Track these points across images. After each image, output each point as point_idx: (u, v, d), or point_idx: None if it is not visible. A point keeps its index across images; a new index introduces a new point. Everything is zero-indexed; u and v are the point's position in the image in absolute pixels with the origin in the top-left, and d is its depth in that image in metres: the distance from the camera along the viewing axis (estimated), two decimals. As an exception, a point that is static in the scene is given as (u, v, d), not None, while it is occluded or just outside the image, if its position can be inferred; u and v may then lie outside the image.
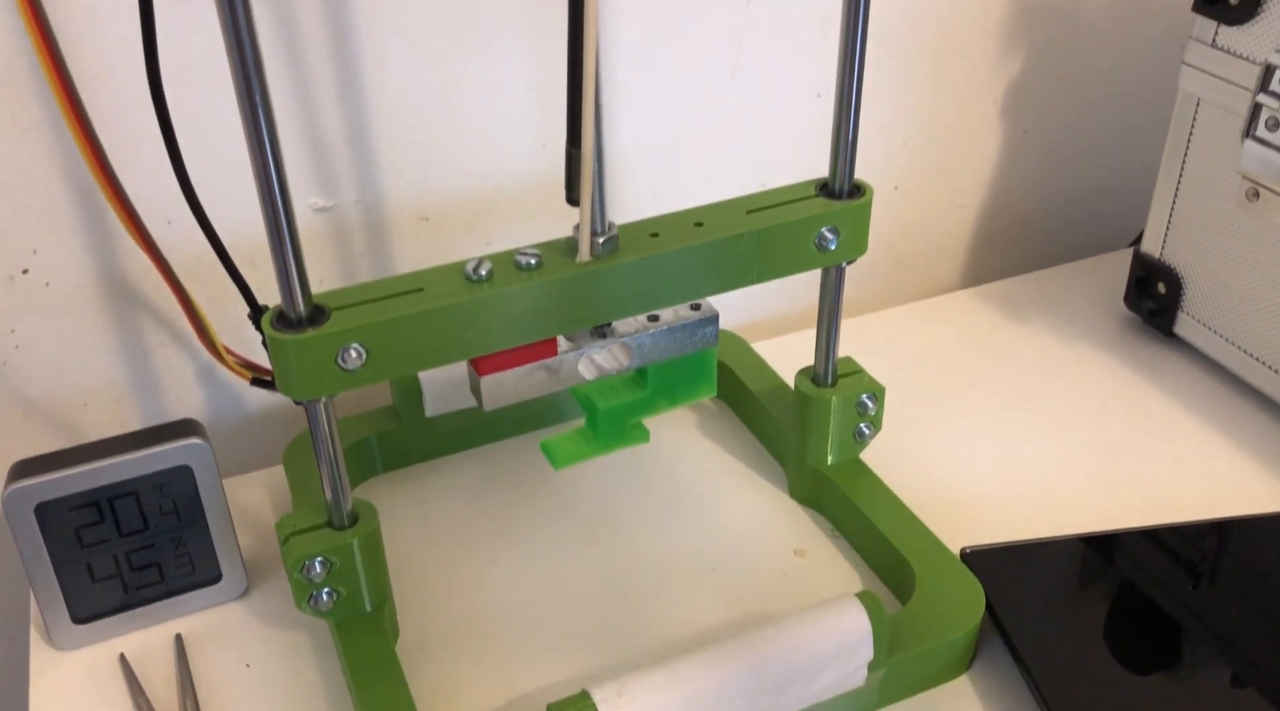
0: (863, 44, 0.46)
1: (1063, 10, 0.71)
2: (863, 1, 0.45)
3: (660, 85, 0.63)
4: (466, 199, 0.62)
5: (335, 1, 0.54)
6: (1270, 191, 0.58)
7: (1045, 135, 0.76)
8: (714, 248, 0.47)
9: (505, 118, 0.60)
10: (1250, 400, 0.63)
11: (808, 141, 0.69)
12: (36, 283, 0.55)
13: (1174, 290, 0.66)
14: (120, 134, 0.53)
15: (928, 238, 0.77)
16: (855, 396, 0.54)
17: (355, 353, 0.42)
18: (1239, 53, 0.58)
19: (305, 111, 0.56)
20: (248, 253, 0.56)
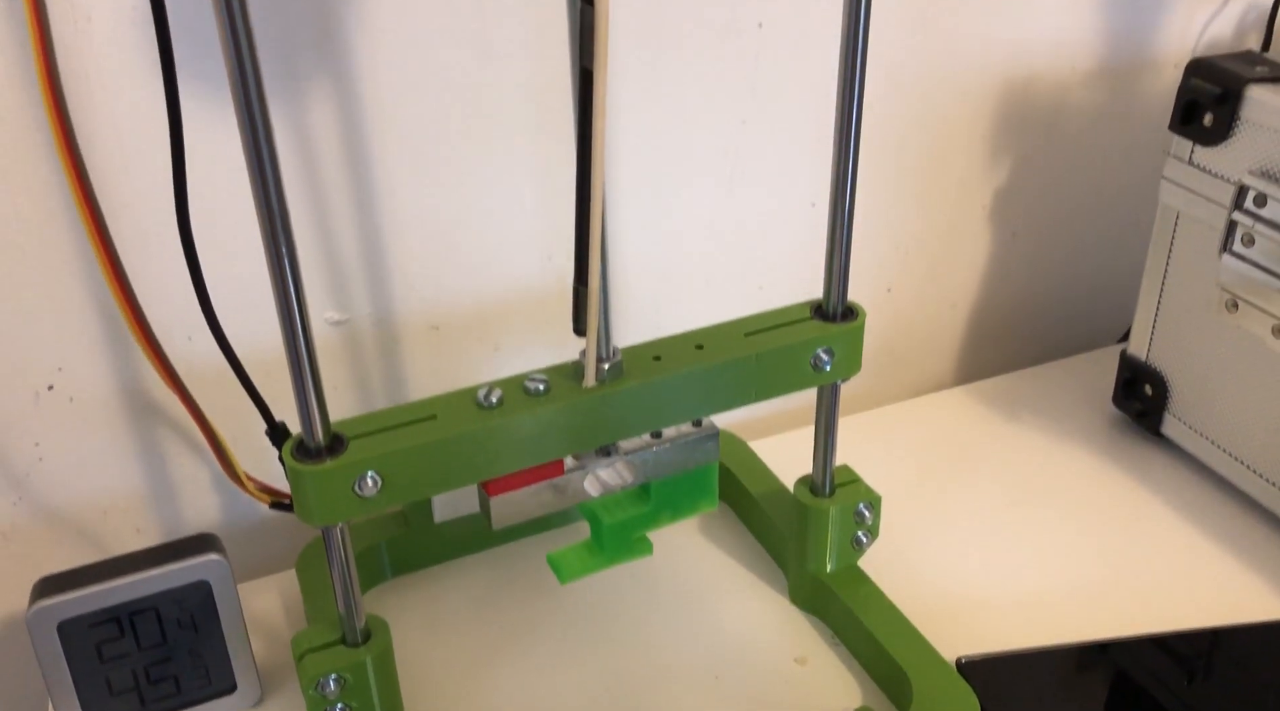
0: (854, 171, 0.49)
1: (1046, 121, 0.74)
2: (854, 122, 0.47)
3: (661, 200, 0.66)
4: (475, 309, 0.64)
5: (352, 127, 0.57)
6: (1248, 303, 0.60)
7: (1033, 237, 0.79)
8: (714, 370, 0.49)
9: (513, 232, 0.63)
10: (1238, 503, 0.65)
11: (805, 249, 0.71)
12: (61, 398, 0.57)
13: (1160, 392, 0.68)
14: (145, 255, 0.55)
15: (921, 336, 0.79)
16: (853, 506, 0.56)
17: (371, 481, 0.43)
18: (1214, 171, 0.61)
19: (322, 230, 0.59)
20: (266, 365, 0.58)
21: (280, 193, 0.39)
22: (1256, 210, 0.58)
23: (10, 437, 0.56)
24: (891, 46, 0.67)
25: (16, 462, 0.57)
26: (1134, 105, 0.76)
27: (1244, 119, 0.59)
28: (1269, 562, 0.61)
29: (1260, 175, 0.58)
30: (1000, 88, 0.71)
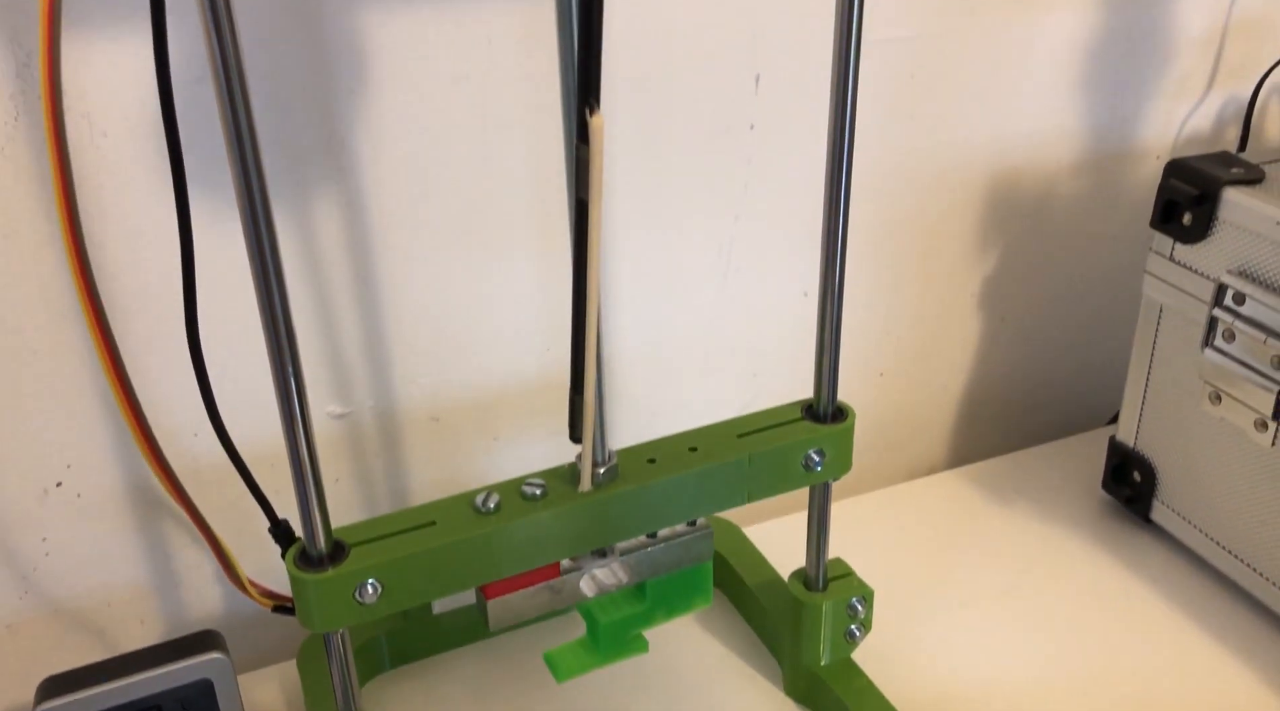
0: (841, 274, 0.50)
1: (1032, 211, 0.76)
2: (842, 219, 0.49)
3: (656, 291, 0.68)
4: (475, 400, 0.66)
5: (356, 226, 0.59)
6: (1231, 397, 0.61)
7: (1022, 321, 0.80)
8: (708, 472, 0.50)
9: (512, 324, 0.65)
10: (1227, 592, 0.66)
11: (798, 336, 0.73)
12: (69, 495, 0.58)
13: (1149, 479, 0.69)
14: (154, 356, 0.57)
15: (914, 419, 0.80)
16: (846, 600, 0.57)
17: (372, 588, 0.45)
18: (1195, 268, 0.62)
19: (325, 325, 0.61)
20: (270, 457, 0.59)
21: (284, 296, 0.40)
22: (1236, 307, 0.60)
23: (19, 534, 0.58)
24: (878, 143, 0.69)
25: (24, 558, 0.58)
26: (1118, 195, 0.78)
27: (1221, 219, 0.60)
28: (1258, 653, 0.61)
29: (1238, 274, 0.60)
30: (986, 180, 0.73)
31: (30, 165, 0.51)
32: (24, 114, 0.50)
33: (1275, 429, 0.60)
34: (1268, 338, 0.58)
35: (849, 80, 0.46)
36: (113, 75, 0.51)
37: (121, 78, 0.51)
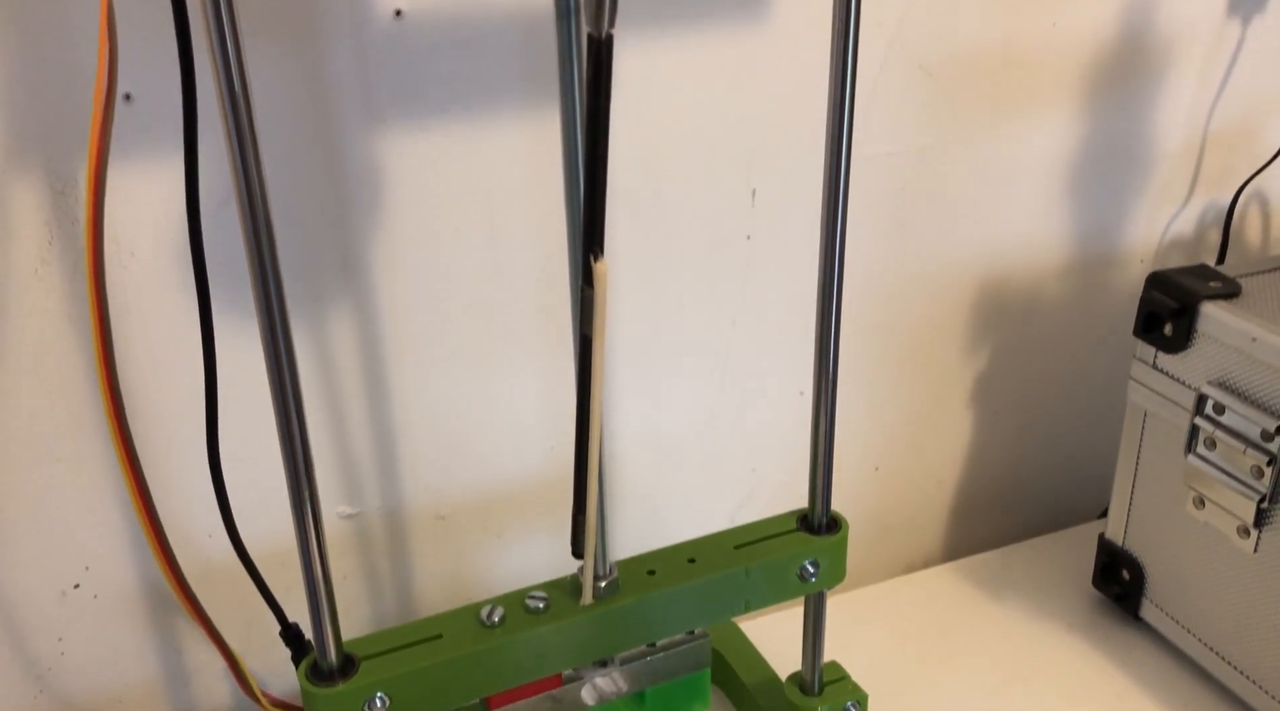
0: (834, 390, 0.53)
1: (1021, 313, 0.78)
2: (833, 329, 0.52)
3: (656, 393, 0.70)
4: (481, 499, 0.68)
5: (368, 334, 0.61)
6: (1214, 503, 0.63)
7: (1014, 416, 0.82)
8: (706, 584, 0.52)
9: (517, 425, 0.67)
10: (1213, 691, 0.67)
11: (795, 433, 0.75)
12: (86, 596, 0.60)
13: (1137, 578, 0.71)
14: (172, 462, 0.59)
15: (908, 513, 0.82)
16: (841, 705, 0.58)
17: (381, 701, 0.46)
18: (1177, 376, 0.65)
19: (337, 429, 0.63)
20: (282, 555, 0.61)
21: (299, 406, 0.43)
22: (1216, 417, 0.62)
23: (36, 634, 0.59)
24: (870, 250, 0.72)
25: (40, 658, 0.60)
26: (1104, 297, 0.80)
27: (1200, 332, 0.63)
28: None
29: (1218, 385, 0.62)
30: (975, 284, 0.76)
31: (62, 285, 0.53)
32: (57, 238, 0.53)
33: (1257, 536, 0.61)
34: (1247, 448, 0.60)
35: (840, 194, 0.49)
36: (141, 200, 0.54)
37: (149, 202, 0.54)
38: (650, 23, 0.60)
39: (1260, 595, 0.62)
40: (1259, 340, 0.59)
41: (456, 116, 0.58)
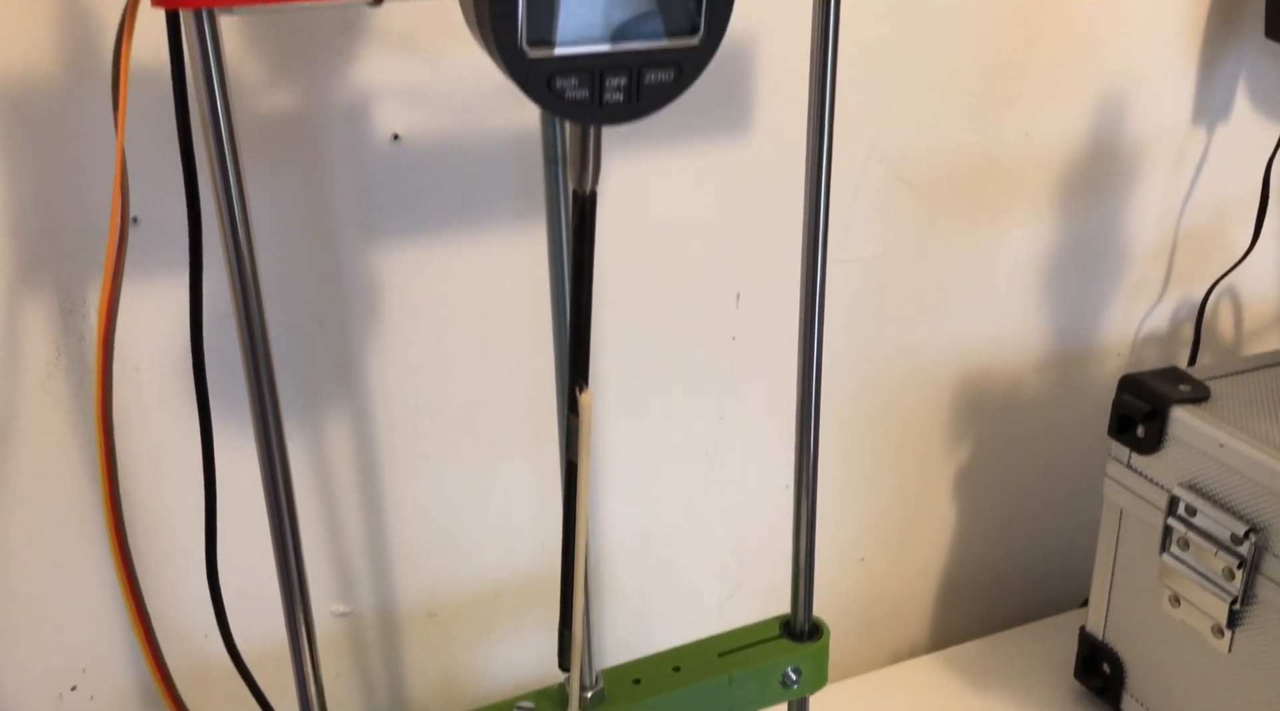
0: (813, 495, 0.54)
1: (1000, 406, 0.80)
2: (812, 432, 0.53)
3: (645, 487, 0.71)
4: (471, 595, 0.69)
5: (363, 438, 0.63)
6: (1189, 602, 0.65)
7: (995, 507, 0.84)
8: (690, 693, 0.53)
9: (507, 524, 0.68)
10: (1194, 787, 0.68)
11: (781, 525, 0.76)
12: (83, 697, 0.61)
13: (1117, 672, 0.72)
14: (169, 564, 0.60)
15: (893, 602, 0.83)
16: (823, 807, 0.59)
17: (371, 815, 0.47)
18: (1150, 477, 0.67)
19: (331, 529, 0.64)
20: (275, 655, 0.62)
21: (292, 512, 0.44)
22: (1189, 518, 0.64)
23: (32, 737, 0.60)
24: (851, 348, 0.74)
25: (35, 760, 0.61)
26: (1081, 390, 0.82)
27: (1171, 435, 0.65)
28: None
29: (1189, 488, 0.64)
30: (955, 379, 0.78)
31: (68, 398, 0.55)
32: (64, 352, 0.55)
33: (1231, 636, 0.63)
34: (1218, 550, 0.62)
35: (816, 299, 0.51)
36: (144, 316, 0.56)
37: (152, 319, 0.56)
38: (638, 134, 0.63)
39: (1238, 695, 0.63)
40: (1226, 445, 0.61)
41: (451, 230, 0.61)
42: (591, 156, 0.38)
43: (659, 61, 0.35)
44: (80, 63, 0.51)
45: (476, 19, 0.34)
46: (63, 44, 0.50)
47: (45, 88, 0.51)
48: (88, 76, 0.51)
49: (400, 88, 0.57)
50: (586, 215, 0.39)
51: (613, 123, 0.35)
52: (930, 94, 0.69)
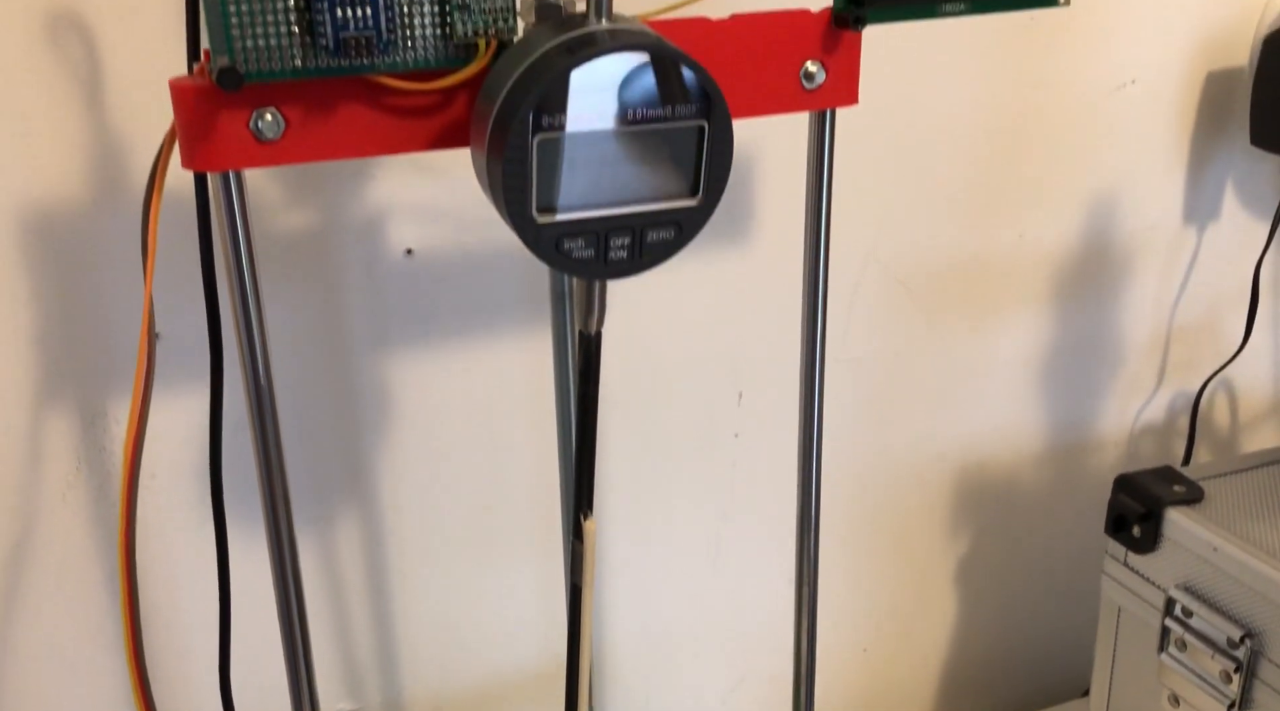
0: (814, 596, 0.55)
1: (1000, 497, 0.82)
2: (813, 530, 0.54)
3: (647, 581, 0.72)
4: (477, 691, 0.70)
5: (372, 539, 0.64)
6: (1188, 703, 0.65)
7: (996, 596, 0.85)
8: (692, 802, 0.54)
9: (513, 621, 0.69)
10: None
11: (785, 619, 0.77)
12: (93, 799, 0.61)
13: (1120, 769, 0.72)
14: (186, 667, 0.61)
15: (897, 693, 0.84)
16: None
17: None
18: (1147, 577, 0.67)
19: (340, 627, 0.65)
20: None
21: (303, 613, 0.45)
22: (1185, 620, 0.65)
23: None
24: (852, 444, 0.75)
25: None
26: (1081, 481, 0.83)
27: (1166, 537, 0.66)
28: None
29: (1185, 590, 0.65)
30: (955, 472, 0.79)
31: (87, 507, 0.57)
32: (84, 465, 0.56)
33: (1229, 739, 0.63)
34: (1215, 653, 0.63)
35: (815, 399, 0.52)
36: (162, 426, 0.57)
37: (170, 428, 0.57)
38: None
39: (1236, 797, 0.64)
40: (1220, 550, 0.62)
41: (461, 339, 0.62)
42: (597, 302, 0.40)
43: (660, 221, 0.37)
44: (106, 189, 0.53)
45: (489, 184, 0.36)
46: (90, 171, 0.53)
47: (72, 212, 0.53)
48: (113, 202, 0.53)
49: (413, 205, 0.59)
50: (592, 355, 0.40)
51: (616, 277, 0.37)
52: (926, 199, 0.71)
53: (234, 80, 0.34)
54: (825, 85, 0.44)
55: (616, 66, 0.34)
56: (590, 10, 0.35)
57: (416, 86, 0.37)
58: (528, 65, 0.34)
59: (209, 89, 0.35)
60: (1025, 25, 0.69)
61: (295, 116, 0.37)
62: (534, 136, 0.34)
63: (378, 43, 0.35)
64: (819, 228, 0.49)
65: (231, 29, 0.34)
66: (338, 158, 0.38)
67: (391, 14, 0.35)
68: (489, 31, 0.36)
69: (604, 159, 0.35)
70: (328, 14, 0.34)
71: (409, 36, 0.36)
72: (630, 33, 0.34)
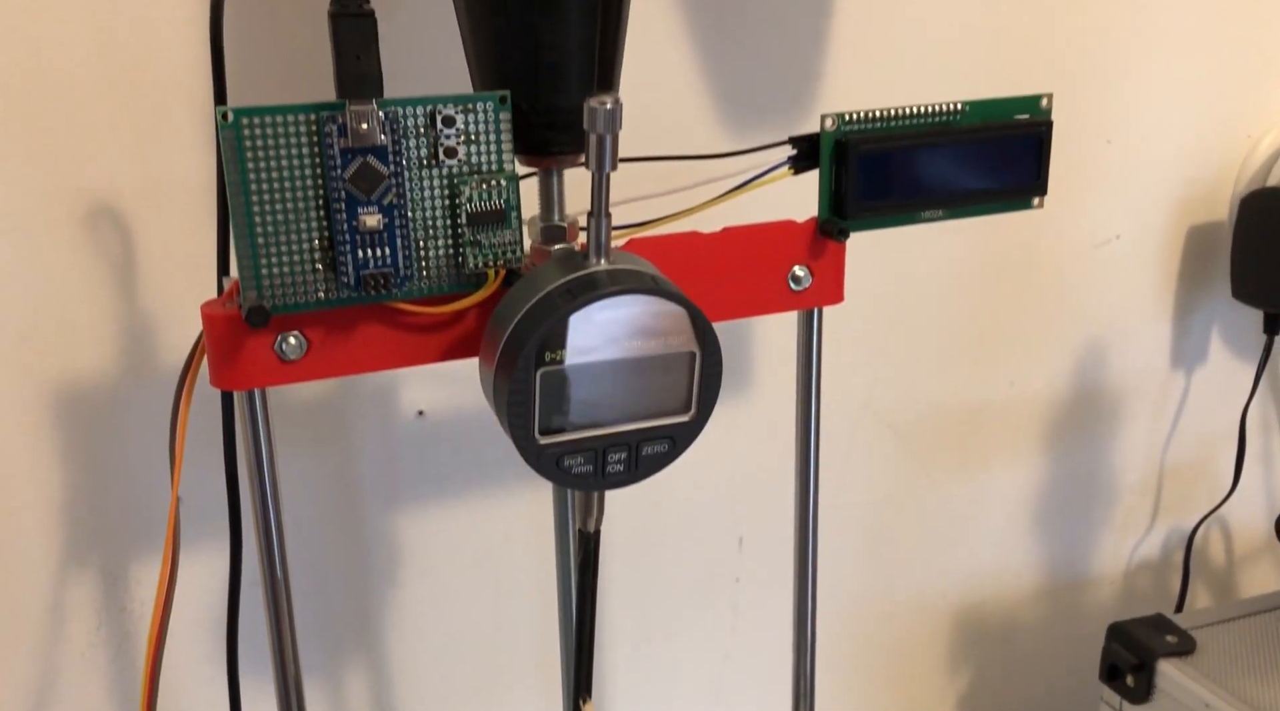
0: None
1: (998, 636, 0.83)
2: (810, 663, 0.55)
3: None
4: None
5: (381, 685, 0.66)
6: None
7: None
8: None
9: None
10: None
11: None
12: None
13: None
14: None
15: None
16: None
17: None
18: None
19: (347, 774, 0.67)
20: None
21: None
22: (1181, 773, 0.65)
23: None
24: (851, 586, 0.77)
25: None
26: (1077, 617, 0.85)
27: (1159, 689, 0.67)
28: None
29: (1179, 744, 0.66)
30: (952, 610, 0.80)
31: (106, 665, 0.59)
32: (105, 624, 0.58)
33: None
34: (1211, 809, 0.63)
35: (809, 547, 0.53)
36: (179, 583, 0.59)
37: (186, 585, 0.59)
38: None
39: None
40: (1212, 706, 0.63)
41: (469, 493, 0.65)
42: (595, 504, 0.42)
43: (656, 436, 0.39)
44: (133, 362, 0.56)
45: (494, 402, 0.38)
46: (120, 346, 0.56)
47: (102, 384, 0.56)
48: (139, 374, 0.56)
49: (425, 368, 0.62)
50: (590, 552, 0.43)
51: (613, 488, 0.40)
52: (918, 350, 0.73)
53: (262, 318, 0.36)
54: (812, 287, 0.47)
55: (615, 306, 0.36)
56: (591, 250, 0.38)
57: (431, 310, 0.40)
58: (532, 304, 0.37)
59: (237, 317, 0.38)
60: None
61: (317, 338, 0.40)
62: (537, 370, 0.36)
63: (395, 277, 0.38)
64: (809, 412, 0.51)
65: (260, 266, 0.37)
66: (357, 373, 0.41)
67: (409, 252, 0.38)
68: (498, 263, 0.39)
69: (603, 384, 0.38)
70: (349, 255, 0.38)
71: (424, 269, 0.39)
72: (628, 273, 0.37)
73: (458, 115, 0.38)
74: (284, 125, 0.36)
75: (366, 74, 0.36)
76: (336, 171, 0.37)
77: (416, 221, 0.39)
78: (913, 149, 0.45)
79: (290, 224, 0.37)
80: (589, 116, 0.35)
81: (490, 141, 0.39)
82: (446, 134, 0.38)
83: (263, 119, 0.36)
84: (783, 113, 0.65)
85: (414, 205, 0.38)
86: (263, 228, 0.37)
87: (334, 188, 0.37)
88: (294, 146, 0.37)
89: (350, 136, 0.36)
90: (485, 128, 0.39)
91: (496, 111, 0.39)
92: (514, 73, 0.40)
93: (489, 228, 0.39)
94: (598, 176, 0.37)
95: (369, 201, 0.37)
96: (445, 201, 0.39)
